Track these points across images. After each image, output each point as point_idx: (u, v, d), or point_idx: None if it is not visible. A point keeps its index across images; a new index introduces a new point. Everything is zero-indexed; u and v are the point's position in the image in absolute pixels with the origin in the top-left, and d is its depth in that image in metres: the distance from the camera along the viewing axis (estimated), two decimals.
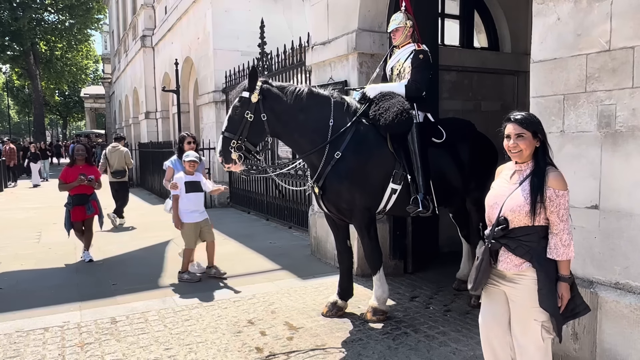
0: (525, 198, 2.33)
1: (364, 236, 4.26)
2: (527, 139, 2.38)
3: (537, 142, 2.39)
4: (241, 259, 6.64)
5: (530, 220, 2.32)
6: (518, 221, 2.34)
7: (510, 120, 2.43)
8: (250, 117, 3.95)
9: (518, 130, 2.39)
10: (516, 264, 2.37)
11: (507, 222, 2.36)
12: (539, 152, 2.40)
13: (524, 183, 2.38)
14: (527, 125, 2.38)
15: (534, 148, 2.40)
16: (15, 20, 27.47)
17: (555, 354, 3.31)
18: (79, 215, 6.54)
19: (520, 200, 2.34)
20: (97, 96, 40.61)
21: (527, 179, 2.38)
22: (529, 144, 2.38)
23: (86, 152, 6.92)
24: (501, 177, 2.56)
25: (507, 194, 2.40)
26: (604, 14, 2.96)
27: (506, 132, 2.43)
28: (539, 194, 2.30)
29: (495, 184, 2.57)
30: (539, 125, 2.42)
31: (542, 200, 2.30)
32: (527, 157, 2.41)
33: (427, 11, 5.31)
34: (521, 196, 2.34)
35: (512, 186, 2.42)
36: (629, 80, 2.87)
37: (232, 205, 11.53)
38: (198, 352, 3.74)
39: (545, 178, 2.33)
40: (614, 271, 3.03)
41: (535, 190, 2.32)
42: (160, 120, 17.74)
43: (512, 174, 2.48)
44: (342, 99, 4.29)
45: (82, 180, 6.34)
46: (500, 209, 2.39)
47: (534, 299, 2.35)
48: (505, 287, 2.44)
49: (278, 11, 11.56)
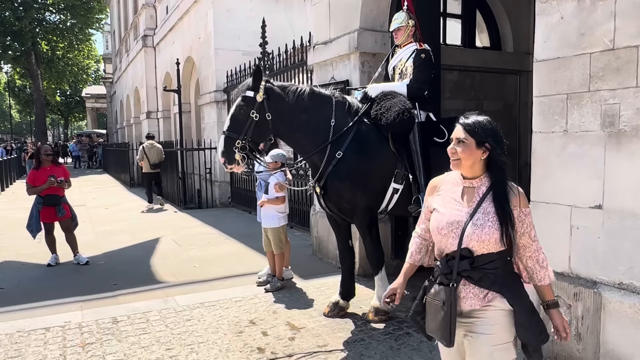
0: (492, 223, 1.96)
1: (365, 236, 4.24)
2: (468, 147, 2.00)
3: (484, 155, 2.00)
4: (242, 259, 6.63)
5: (499, 247, 1.98)
6: (485, 250, 1.98)
7: (458, 121, 2.08)
8: (255, 117, 3.92)
9: (460, 134, 2.03)
10: (481, 297, 2.00)
11: (472, 254, 1.98)
12: (493, 165, 2.03)
13: (484, 204, 2.00)
14: (472, 132, 2.00)
15: (479, 160, 2.02)
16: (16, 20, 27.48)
17: (558, 355, 3.30)
18: (48, 217, 6.30)
19: (486, 227, 1.96)
20: (98, 96, 40.63)
21: (486, 198, 2.00)
22: (469, 155, 2.00)
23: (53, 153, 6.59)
24: (445, 196, 2.11)
25: (465, 219, 1.99)
26: (608, 12, 2.94)
27: (452, 134, 2.07)
28: (508, 218, 1.97)
29: (438, 204, 2.11)
30: (488, 136, 2.01)
31: (512, 224, 1.97)
32: (478, 171, 2.04)
33: (429, 10, 5.29)
34: (487, 221, 1.97)
35: (467, 209, 2.01)
36: (633, 79, 2.85)
37: (233, 205, 11.52)
38: (199, 352, 3.73)
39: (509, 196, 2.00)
40: (617, 271, 3.01)
41: (504, 212, 1.97)
42: (161, 120, 17.74)
43: (461, 191, 2.07)
44: (343, 99, 4.28)
45: (52, 182, 6.08)
46: (460, 239, 1.98)
47: (500, 334, 2.00)
48: (463, 326, 2.04)
49: (279, 11, 11.54)
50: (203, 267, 6.24)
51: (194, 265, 6.37)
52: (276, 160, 4.85)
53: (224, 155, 3.96)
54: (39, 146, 7.32)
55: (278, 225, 5.15)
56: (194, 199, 12.33)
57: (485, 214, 1.98)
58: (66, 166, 8.15)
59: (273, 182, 5.06)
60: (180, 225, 9.40)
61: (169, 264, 6.41)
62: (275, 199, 5.09)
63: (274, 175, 4.99)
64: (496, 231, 1.96)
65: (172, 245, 7.56)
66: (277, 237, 5.14)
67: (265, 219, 5.19)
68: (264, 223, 5.21)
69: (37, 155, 6.50)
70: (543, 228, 3.43)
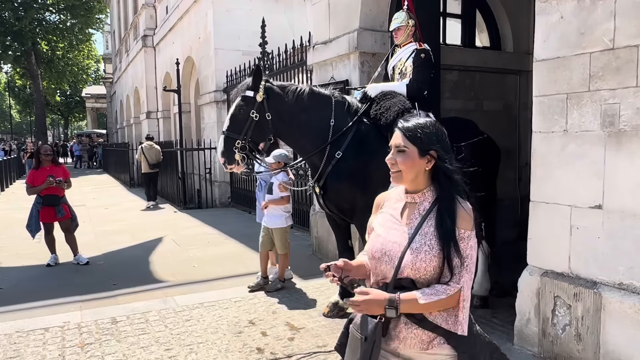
0: (429, 248, 1.64)
1: (365, 236, 4.23)
2: (410, 156, 1.68)
3: (429, 165, 1.69)
4: (242, 259, 6.62)
5: (438, 278, 1.66)
6: (423, 281, 1.66)
7: (397, 125, 1.75)
8: (255, 117, 3.91)
9: (400, 141, 1.71)
10: (424, 339, 1.66)
11: (413, 285, 1.65)
12: (440, 176, 1.70)
13: (425, 225, 1.67)
14: (413, 139, 1.68)
15: (423, 172, 1.70)
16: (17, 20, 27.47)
17: (558, 355, 3.30)
18: (48, 217, 6.29)
19: (422, 253, 1.64)
20: (98, 96, 40.63)
21: (428, 217, 1.69)
22: (411, 166, 1.69)
23: (53, 153, 6.59)
24: (385, 214, 1.82)
25: (404, 242, 1.68)
26: (608, 12, 2.94)
27: (391, 141, 1.76)
28: (452, 241, 1.63)
29: (377, 223, 1.82)
30: (433, 142, 1.69)
31: (458, 249, 1.63)
32: (421, 183, 1.72)
33: (429, 10, 5.28)
34: (423, 245, 1.65)
35: (406, 229, 1.70)
36: (633, 79, 2.84)
37: (233, 205, 11.51)
38: (199, 352, 3.72)
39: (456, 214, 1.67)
40: (617, 271, 3.00)
41: (446, 234, 1.63)
42: (161, 120, 17.73)
43: (401, 208, 1.77)
44: (343, 99, 4.27)
45: (51, 182, 6.06)
46: (397, 266, 1.66)
47: None
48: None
49: (279, 11, 11.54)
50: (202, 267, 6.24)
51: (194, 265, 6.36)
52: (279, 161, 4.83)
53: (224, 155, 3.96)
54: (38, 146, 7.31)
55: (285, 224, 5.14)
56: (193, 199, 12.33)
57: (424, 235, 1.66)
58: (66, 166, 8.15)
59: (277, 182, 5.05)
60: (180, 225, 9.40)
61: (168, 264, 6.40)
62: (280, 199, 5.08)
63: (276, 176, 4.99)
64: (434, 258, 1.63)
65: (171, 246, 7.55)
66: (283, 237, 5.12)
67: (271, 219, 5.14)
68: (269, 224, 5.15)
69: (37, 155, 6.50)
70: (543, 228, 3.44)
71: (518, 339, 3.61)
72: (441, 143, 1.70)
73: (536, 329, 3.45)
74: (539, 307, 3.43)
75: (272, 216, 5.12)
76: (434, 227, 1.66)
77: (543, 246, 3.43)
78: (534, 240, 3.51)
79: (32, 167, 6.60)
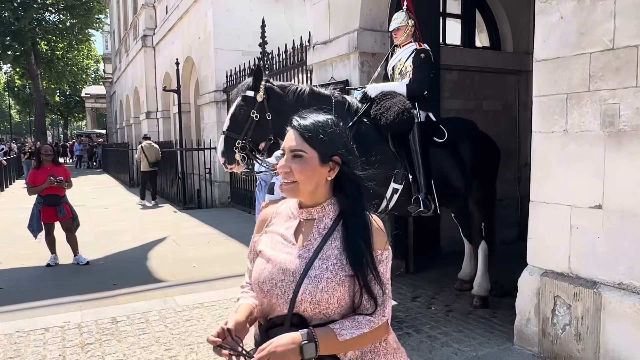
0: (332, 275, 1.31)
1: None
2: (309, 163, 1.34)
3: (332, 174, 1.37)
4: (242, 259, 6.58)
5: (345, 312, 1.36)
6: (323, 317, 1.34)
7: (292, 124, 1.41)
8: (256, 117, 3.91)
9: (296, 143, 1.36)
10: None
11: (304, 322, 1.33)
12: (346, 186, 1.39)
13: (327, 246, 1.35)
14: (312, 140, 1.35)
15: (324, 182, 1.38)
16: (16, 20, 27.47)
17: (558, 355, 3.30)
18: (49, 217, 6.28)
19: (323, 281, 1.31)
20: (98, 96, 40.63)
21: (330, 237, 1.36)
22: (310, 175, 1.35)
23: (53, 153, 6.59)
24: (273, 234, 1.47)
25: (300, 270, 1.34)
26: (608, 12, 2.94)
27: (284, 143, 1.42)
28: (369, 267, 1.32)
29: (265, 245, 1.47)
30: (337, 144, 1.38)
31: (377, 275, 1.33)
32: (322, 195, 1.39)
33: (428, 10, 5.29)
34: (324, 271, 1.32)
35: (303, 252, 1.37)
36: (633, 79, 2.85)
37: (232, 205, 11.51)
38: (199, 352, 3.72)
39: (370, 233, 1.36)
40: (617, 271, 3.00)
41: (357, 256, 1.32)
42: (161, 120, 17.73)
43: (296, 226, 1.43)
44: (343, 99, 4.27)
45: (52, 182, 6.05)
46: (292, 300, 1.33)
47: None
48: None
49: (279, 10, 11.54)
50: (203, 267, 6.24)
51: (194, 265, 6.36)
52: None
53: (224, 155, 3.95)
54: (39, 146, 7.31)
55: None
56: (193, 199, 12.32)
57: (325, 260, 1.33)
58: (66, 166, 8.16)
59: (278, 183, 5.03)
60: (180, 225, 9.40)
61: (168, 264, 6.40)
62: (281, 199, 5.06)
63: (277, 176, 4.98)
64: (338, 286, 1.31)
65: (171, 246, 7.55)
66: None
67: None
68: None
69: (38, 155, 6.50)
70: (543, 228, 3.44)
71: (518, 339, 3.62)
72: (347, 146, 1.41)
73: (536, 328, 3.46)
74: (538, 307, 3.43)
75: None
76: (338, 249, 1.34)
77: (543, 246, 3.44)
78: (533, 240, 3.51)
79: (33, 167, 6.61)
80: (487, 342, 3.75)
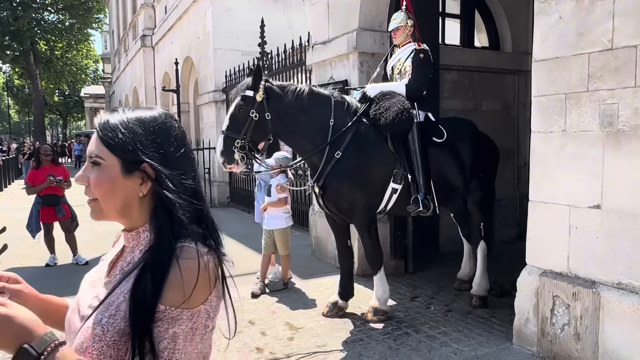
0: (103, 330, 0.97)
1: (364, 236, 4.24)
2: (107, 174, 1.03)
3: (144, 187, 1.04)
4: (241, 259, 6.61)
5: None
6: None
7: (95, 123, 1.08)
8: (255, 117, 3.91)
9: (94, 147, 1.04)
10: None
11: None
12: (158, 209, 1.03)
13: (119, 288, 1.01)
14: (112, 143, 1.02)
15: (137, 200, 1.05)
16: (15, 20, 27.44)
17: (557, 354, 3.31)
18: (48, 217, 6.29)
19: (91, 339, 0.97)
20: (97, 96, 40.63)
21: (130, 275, 1.01)
22: (110, 189, 1.03)
23: (53, 153, 6.60)
24: (104, 261, 1.23)
25: (87, 314, 1.04)
26: (607, 12, 2.95)
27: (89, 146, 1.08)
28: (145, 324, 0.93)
29: (87, 274, 1.27)
30: (146, 150, 1.02)
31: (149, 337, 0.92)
32: (137, 219, 1.07)
33: (427, 10, 5.30)
34: (98, 326, 0.98)
35: (102, 291, 1.08)
36: (632, 79, 2.85)
37: (232, 205, 11.51)
38: None
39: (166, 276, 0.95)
40: (616, 271, 3.01)
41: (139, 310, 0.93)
42: None
43: (119, 253, 1.15)
44: (342, 99, 4.28)
45: (51, 182, 6.05)
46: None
47: None
48: None
49: (278, 10, 11.54)
50: None
51: None
52: (280, 164, 4.83)
53: (224, 155, 3.95)
54: (38, 146, 7.31)
55: (285, 225, 5.12)
56: None
57: (107, 306, 1.00)
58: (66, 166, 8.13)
59: (274, 184, 5.04)
60: None
61: None
62: (278, 201, 5.06)
63: (275, 177, 4.99)
64: (108, 348, 0.95)
65: None
66: (285, 237, 5.11)
67: (271, 220, 5.11)
68: (269, 225, 5.13)
69: (37, 155, 6.50)
70: (542, 228, 3.45)
71: (517, 339, 3.62)
72: (160, 149, 1.03)
73: (535, 328, 3.46)
74: (537, 306, 3.44)
75: (272, 217, 5.12)
76: (124, 296, 0.98)
77: (542, 246, 3.44)
78: (532, 240, 3.52)
79: (32, 167, 6.61)
80: (486, 342, 3.76)
